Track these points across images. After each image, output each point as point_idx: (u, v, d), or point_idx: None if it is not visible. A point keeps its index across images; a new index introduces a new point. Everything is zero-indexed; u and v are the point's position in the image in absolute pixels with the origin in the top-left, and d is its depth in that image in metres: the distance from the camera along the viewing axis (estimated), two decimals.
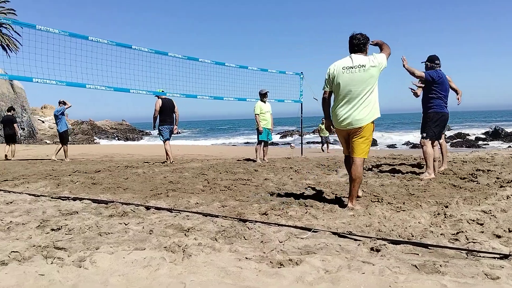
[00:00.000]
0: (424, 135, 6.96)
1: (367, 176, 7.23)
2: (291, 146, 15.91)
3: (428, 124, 6.98)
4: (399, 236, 3.66)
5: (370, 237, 3.55)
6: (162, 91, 10.71)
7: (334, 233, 3.75)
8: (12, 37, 47.91)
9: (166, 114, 10.85)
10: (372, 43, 4.90)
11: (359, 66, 4.59)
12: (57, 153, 13.04)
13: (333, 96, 4.91)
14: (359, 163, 4.75)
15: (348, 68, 4.64)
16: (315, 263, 2.98)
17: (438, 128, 7.00)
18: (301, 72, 13.72)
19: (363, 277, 2.72)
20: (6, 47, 47.85)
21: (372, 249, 3.28)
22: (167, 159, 10.94)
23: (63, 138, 13.08)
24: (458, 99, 7.58)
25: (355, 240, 3.56)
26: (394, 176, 7.14)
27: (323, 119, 20.12)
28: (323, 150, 19.25)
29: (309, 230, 3.82)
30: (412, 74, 6.83)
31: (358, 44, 4.71)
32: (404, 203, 4.81)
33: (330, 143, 20.11)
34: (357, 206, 4.73)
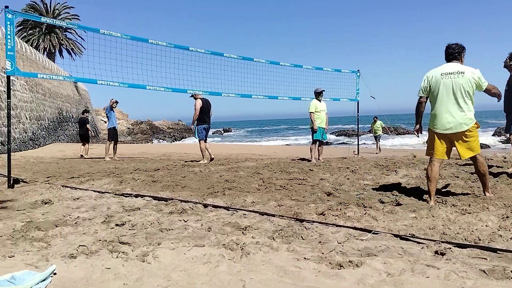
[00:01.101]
0: None
1: None
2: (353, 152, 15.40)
3: None
4: (465, 239, 3.50)
5: (434, 240, 3.42)
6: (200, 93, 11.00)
7: (395, 235, 3.65)
8: (77, 42, 50.63)
9: (204, 114, 11.15)
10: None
11: (458, 73, 4.86)
12: (109, 152, 13.52)
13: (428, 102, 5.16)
14: (481, 159, 5.02)
15: (447, 74, 4.91)
16: (377, 266, 2.91)
17: None
18: (358, 70, 13.45)
19: (427, 281, 2.63)
20: (71, 51, 50.61)
21: (436, 252, 3.16)
22: (203, 158, 11.18)
23: (110, 135, 13.68)
24: None
25: (418, 243, 3.44)
26: (457, 177, 6.83)
27: (375, 118, 19.24)
28: (379, 150, 18.55)
29: (369, 231, 3.73)
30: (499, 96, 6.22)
31: (453, 53, 5.04)
32: (469, 205, 4.59)
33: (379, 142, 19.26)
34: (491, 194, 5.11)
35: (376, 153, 17.05)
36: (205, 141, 11.28)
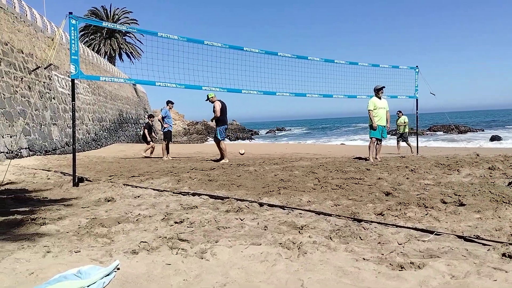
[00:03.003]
0: None
1: (494, 176, 6.60)
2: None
3: None
4: None
5: (502, 242, 3.24)
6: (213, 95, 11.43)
7: (459, 237, 3.49)
8: (135, 45, 52.57)
9: (224, 115, 11.56)
10: None
11: None
12: (166, 152, 13.88)
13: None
14: None
15: None
16: (440, 268, 2.79)
17: None
18: (416, 66, 12.99)
19: (495, 284, 2.50)
20: (130, 54, 52.62)
21: (504, 255, 2.99)
22: (222, 157, 11.46)
23: (165, 136, 14.12)
24: None
25: (484, 244, 3.27)
26: None
27: (399, 113, 16.63)
28: (410, 147, 15.87)
29: (431, 232, 3.59)
30: None
31: None
32: None
33: (404, 141, 16.64)
34: None
35: (410, 148, 15.30)
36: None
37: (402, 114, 16.63)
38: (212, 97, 11.48)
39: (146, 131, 15.87)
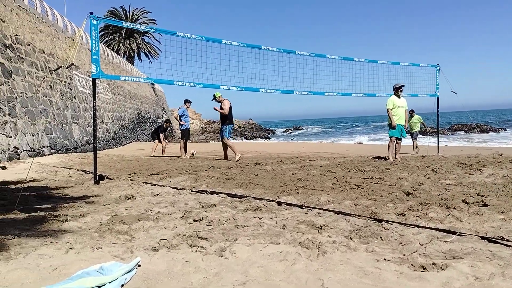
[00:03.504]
0: None
1: None
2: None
3: None
4: None
5: None
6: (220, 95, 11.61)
7: (483, 238, 3.42)
8: (154, 45, 53.05)
9: (231, 114, 11.74)
10: None
11: None
12: (184, 150, 13.96)
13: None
14: None
15: None
16: (463, 269, 2.75)
17: None
18: (437, 64, 12.80)
19: None
20: (149, 54, 53.12)
21: None
22: (226, 157, 11.69)
23: (183, 135, 14.26)
24: None
25: (509, 246, 3.21)
26: None
27: (411, 111, 15.87)
28: (417, 149, 15.58)
29: (454, 233, 3.53)
30: None
31: None
32: None
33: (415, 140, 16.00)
34: None
35: (413, 153, 14.31)
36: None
37: (415, 114, 16.09)
38: (219, 96, 11.64)
39: (161, 135, 15.95)
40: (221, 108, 11.56)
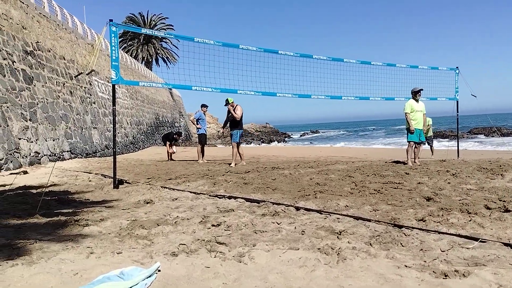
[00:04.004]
0: None
1: None
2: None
3: None
4: None
5: None
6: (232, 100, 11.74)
7: (506, 244, 3.36)
8: (171, 50, 53.56)
9: (242, 120, 11.88)
10: None
11: None
12: (201, 155, 14.02)
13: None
14: None
15: None
16: (486, 276, 2.70)
17: None
18: (457, 67, 12.63)
19: None
20: (166, 59, 53.66)
21: None
22: (240, 159, 11.65)
23: (200, 140, 14.33)
24: None
25: None
26: None
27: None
28: (432, 151, 14.83)
29: (476, 239, 3.46)
30: None
31: None
32: None
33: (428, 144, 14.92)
34: None
35: (432, 157, 13.48)
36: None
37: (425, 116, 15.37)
38: (232, 102, 11.76)
39: (168, 143, 16.04)
40: (234, 111, 11.62)
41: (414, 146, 10.27)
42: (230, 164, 11.59)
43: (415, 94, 10.26)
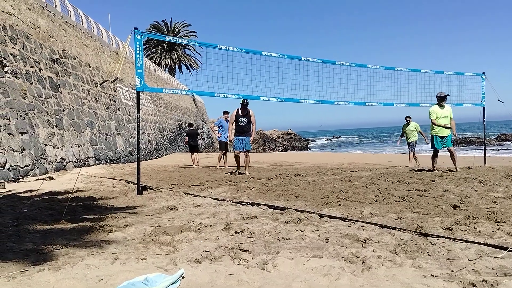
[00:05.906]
0: None
1: None
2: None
3: None
4: None
5: None
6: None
7: None
8: (194, 57, 54.11)
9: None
10: None
11: None
12: (224, 161, 14.10)
13: None
14: None
15: None
16: None
17: None
18: (483, 73, 12.37)
19: None
20: (189, 66, 54.21)
21: None
22: (239, 167, 10.96)
23: (220, 146, 14.43)
24: None
25: None
26: None
27: (408, 118, 14.51)
28: (416, 161, 14.14)
29: (505, 249, 3.36)
30: None
31: None
32: None
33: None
34: None
35: (408, 166, 13.05)
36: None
37: (411, 121, 14.52)
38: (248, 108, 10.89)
39: (186, 138, 16.27)
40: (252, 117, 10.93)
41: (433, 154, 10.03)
42: (239, 172, 11.00)
43: (441, 100, 9.91)
